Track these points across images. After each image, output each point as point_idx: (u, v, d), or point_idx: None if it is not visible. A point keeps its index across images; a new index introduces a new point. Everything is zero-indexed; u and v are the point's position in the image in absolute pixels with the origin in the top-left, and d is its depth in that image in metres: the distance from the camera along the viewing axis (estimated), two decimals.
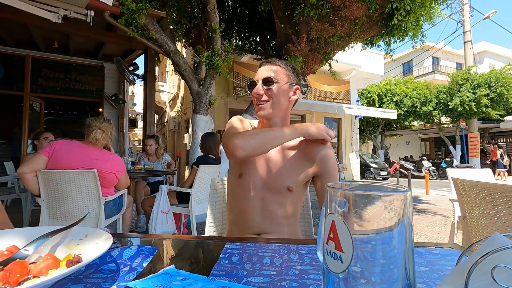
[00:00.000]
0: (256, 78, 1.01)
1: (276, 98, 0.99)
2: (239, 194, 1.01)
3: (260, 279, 0.48)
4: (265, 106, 0.99)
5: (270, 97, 0.99)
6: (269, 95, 0.99)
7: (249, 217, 0.98)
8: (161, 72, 14.13)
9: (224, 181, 1.35)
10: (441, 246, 0.68)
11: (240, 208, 1.00)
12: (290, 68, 1.03)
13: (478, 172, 2.91)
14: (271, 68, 1.00)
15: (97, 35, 5.16)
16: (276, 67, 1.01)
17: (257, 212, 0.97)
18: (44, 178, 2.11)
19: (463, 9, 12.91)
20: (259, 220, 0.97)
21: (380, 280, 0.26)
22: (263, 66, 1.03)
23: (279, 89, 0.99)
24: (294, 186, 0.97)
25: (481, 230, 1.50)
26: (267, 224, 0.97)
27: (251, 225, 0.98)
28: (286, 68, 1.02)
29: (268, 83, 0.98)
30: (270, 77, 0.98)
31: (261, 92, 0.98)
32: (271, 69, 1.00)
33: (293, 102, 1.04)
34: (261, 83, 0.99)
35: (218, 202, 1.31)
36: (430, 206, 5.84)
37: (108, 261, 0.52)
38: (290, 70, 1.03)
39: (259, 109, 1.00)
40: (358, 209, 0.27)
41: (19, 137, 5.90)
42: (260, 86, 0.99)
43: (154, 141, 4.00)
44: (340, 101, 9.39)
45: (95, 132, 2.17)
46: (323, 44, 4.45)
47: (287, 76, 1.01)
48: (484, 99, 11.90)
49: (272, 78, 0.98)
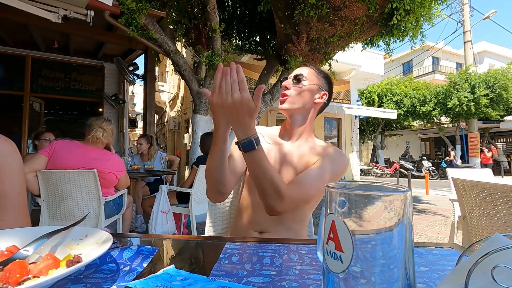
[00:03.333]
0: (289, 75, 1.07)
1: (300, 95, 1.01)
2: (249, 189, 1.02)
3: (260, 279, 0.48)
4: (287, 99, 1.02)
5: (296, 92, 1.02)
6: (296, 89, 1.02)
7: (254, 213, 0.99)
8: (161, 72, 14.13)
9: None
10: (441, 246, 0.67)
11: (248, 203, 1.01)
12: (323, 75, 1.07)
13: (478, 172, 2.91)
14: (304, 68, 1.06)
15: (97, 35, 5.16)
16: (310, 69, 1.06)
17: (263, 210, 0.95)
18: (44, 178, 2.11)
19: (463, 9, 12.91)
20: (262, 218, 0.97)
21: (380, 280, 0.26)
22: (299, 67, 1.08)
23: (305, 87, 1.02)
24: None
25: (481, 230, 1.50)
26: (270, 223, 0.97)
27: (255, 221, 0.98)
28: (318, 73, 1.06)
29: (297, 79, 1.02)
30: (301, 74, 1.03)
31: (289, 85, 1.02)
32: (304, 69, 1.05)
33: (318, 105, 1.04)
34: (292, 78, 1.04)
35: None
36: (430, 206, 5.84)
37: (108, 261, 0.52)
38: (323, 76, 1.06)
39: (282, 102, 1.03)
40: (358, 209, 0.27)
41: (19, 137, 5.90)
42: (290, 81, 1.04)
43: (145, 140, 4.04)
44: (340, 101, 9.39)
45: (96, 131, 2.17)
46: (323, 44, 4.45)
47: (318, 79, 1.04)
48: (484, 99, 11.90)
49: (302, 75, 1.02)
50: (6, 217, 0.69)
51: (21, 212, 0.73)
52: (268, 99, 4.80)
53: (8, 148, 0.72)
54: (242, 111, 0.74)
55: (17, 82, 5.99)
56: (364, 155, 19.75)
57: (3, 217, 0.69)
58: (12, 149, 0.73)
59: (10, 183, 0.70)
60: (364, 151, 19.72)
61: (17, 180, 0.72)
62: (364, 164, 16.72)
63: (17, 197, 0.72)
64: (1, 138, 0.72)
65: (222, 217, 1.30)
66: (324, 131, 9.69)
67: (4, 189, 0.69)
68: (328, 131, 9.93)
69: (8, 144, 0.72)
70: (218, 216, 1.29)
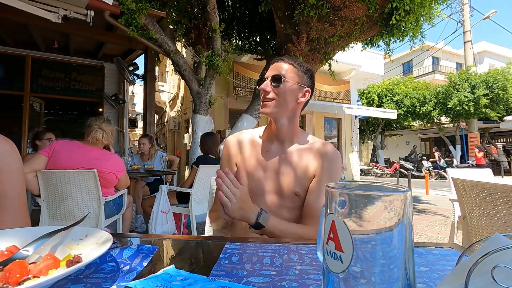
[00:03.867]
0: (266, 74, 0.98)
1: (282, 97, 0.96)
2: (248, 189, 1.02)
3: (260, 279, 0.48)
4: (270, 104, 0.96)
5: (277, 95, 0.96)
6: (276, 93, 0.96)
7: None
8: (161, 72, 14.13)
9: None
10: (441, 246, 0.67)
11: None
12: (303, 69, 0.99)
13: (478, 172, 2.91)
14: (282, 66, 0.97)
15: (97, 35, 5.16)
16: (289, 65, 0.97)
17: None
18: (44, 178, 2.11)
19: (463, 9, 12.92)
20: None
21: (380, 280, 0.26)
22: (276, 62, 0.99)
23: (287, 88, 0.95)
24: (301, 191, 0.96)
25: (481, 230, 1.50)
26: None
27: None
28: (299, 68, 0.98)
29: (276, 80, 0.95)
30: (280, 75, 0.95)
31: (268, 89, 0.96)
32: (283, 67, 0.97)
33: (301, 104, 1.00)
34: (270, 80, 0.96)
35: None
36: (430, 206, 5.84)
37: (108, 260, 0.52)
38: (303, 71, 0.99)
39: (264, 106, 0.97)
40: (358, 209, 0.27)
41: (19, 137, 5.90)
42: (268, 83, 0.96)
43: (147, 140, 4.04)
44: (340, 101, 9.39)
45: (95, 132, 2.17)
46: (323, 44, 4.45)
47: (298, 77, 0.97)
48: (483, 99, 11.90)
49: (281, 76, 0.95)
50: (6, 217, 0.69)
51: (21, 212, 0.73)
52: None
53: (7, 148, 0.72)
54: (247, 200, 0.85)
55: (17, 82, 5.99)
56: (364, 155, 19.74)
57: (3, 217, 0.69)
58: (11, 149, 0.73)
59: (10, 183, 0.70)
60: (364, 151, 19.70)
61: (17, 180, 0.72)
62: (364, 164, 16.72)
63: (17, 197, 0.72)
64: (1, 138, 0.72)
65: None
66: (324, 131, 9.69)
67: (4, 189, 0.69)
68: (328, 131, 9.93)
69: (7, 144, 0.72)
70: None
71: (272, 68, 0.98)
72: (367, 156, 19.74)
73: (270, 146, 1.02)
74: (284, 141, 1.02)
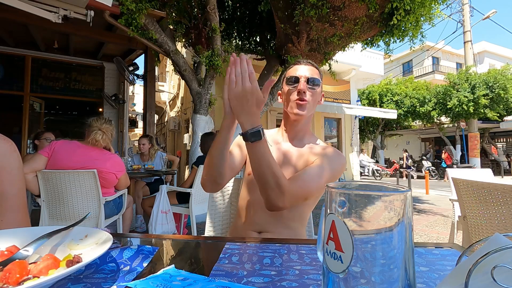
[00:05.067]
0: (298, 74, 0.98)
1: (314, 101, 0.99)
2: (248, 189, 1.02)
3: (260, 279, 0.48)
4: (305, 105, 0.97)
5: (312, 97, 0.98)
6: (311, 95, 0.97)
7: (253, 213, 0.99)
8: (161, 72, 14.13)
9: None
10: (441, 246, 0.67)
11: (247, 203, 1.01)
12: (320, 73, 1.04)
13: (478, 172, 2.91)
14: (314, 70, 1.00)
15: (97, 35, 5.16)
16: (317, 70, 1.01)
17: (262, 210, 0.96)
18: (44, 178, 2.11)
19: (463, 9, 12.91)
20: (263, 218, 0.97)
21: (380, 280, 0.26)
22: (306, 65, 1.01)
23: (318, 92, 1.00)
24: None
25: (481, 230, 1.50)
26: (270, 223, 0.96)
27: (254, 221, 0.98)
28: (320, 73, 1.03)
29: (314, 84, 0.97)
30: (318, 79, 0.98)
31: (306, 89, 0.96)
32: (314, 71, 1.00)
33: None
34: (306, 81, 0.97)
35: (218, 202, 1.31)
36: (430, 206, 5.84)
37: (108, 261, 0.52)
38: (321, 75, 1.03)
39: (300, 107, 0.96)
40: (358, 209, 0.27)
41: (19, 137, 5.90)
42: (305, 83, 0.97)
43: (147, 140, 4.04)
44: (340, 101, 9.39)
45: (95, 133, 2.16)
46: (323, 44, 4.45)
47: (321, 81, 1.02)
48: (483, 99, 11.90)
49: (319, 80, 0.98)
50: (6, 217, 0.69)
51: (21, 212, 0.73)
52: (268, 99, 4.80)
53: (7, 148, 0.72)
54: (251, 100, 0.77)
55: (17, 82, 5.99)
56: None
57: (3, 217, 0.69)
58: (11, 148, 0.73)
59: (10, 183, 0.70)
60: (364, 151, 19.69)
61: (17, 180, 0.72)
62: None
63: (17, 197, 0.72)
64: (1, 137, 0.72)
65: (222, 217, 1.30)
66: (324, 131, 9.69)
67: (4, 189, 0.69)
68: (328, 131, 9.93)
69: (7, 143, 0.72)
70: (218, 216, 1.29)
71: (306, 70, 0.99)
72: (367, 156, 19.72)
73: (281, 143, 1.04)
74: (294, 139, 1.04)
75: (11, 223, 0.69)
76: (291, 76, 0.99)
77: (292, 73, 1.00)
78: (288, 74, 1.02)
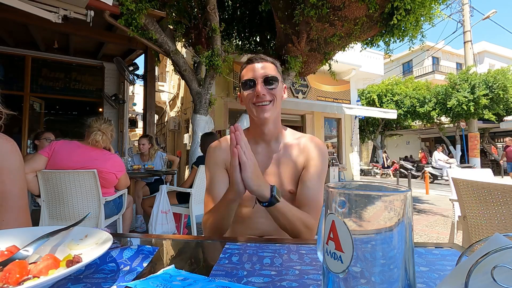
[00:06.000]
0: (252, 76, 0.91)
1: (278, 99, 0.93)
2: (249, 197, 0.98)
3: (260, 279, 0.48)
4: (269, 107, 0.91)
5: (274, 97, 0.92)
6: (272, 94, 0.92)
7: (252, 219, 0.97)
8: (161, 72, 14.13)
9: None
10: (441, 246, 0.67)
11: (245, 209, 0.98)
12: (279, 65, 0.98)
13: (478, 172, 2.91)
14: (268, 66, 0.93)
15: (97, 35, 5.16)
16: (272, 64, 0.94)
17: (261, 215, 0.94)
18: (44, 178, 2.11)
19: (463, 9, 12.91)
20: (262, 222, 0.95)
21: (380, 280, 0.26)
22: (259, 63, 0.93)
23: (279, 88, 0.94)
24: (295, 188, 0.95)
25: (481, 230, 1.50)
26: (270, 226, 0.94)
27: (254, 227, 0.97)
28: (277, 65, 0.96)
29: (271, 82, 0.91)
30: (275, 76, 0.92)
31: (265, 92, 0.90)
32: (269, 67, 0.93)
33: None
34: (263, 82, 0.91)
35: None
36: (430, 206, 5.84)
37: (108, 261, 0.52)
38: (280, 68, 0.98)
39: (263, 110, 0.91)
40: (358, 209, 0.27)
41: (19, 137, 5.90)
42: (262, 85, 0.91)
43: (147, 140, 4.04)
44: (340, 101, 9.39)
45: (95, 134, 2.16)
46: (323, 44, 4.45)
47: (279, 74, 0.96)
48: (483, 99, 11.89)
49: (276, 76, 0.92)
50: (6, 217, 0.69)
51: (21, 212, 0.73)
52: None
53: (9, 147, 0.72)
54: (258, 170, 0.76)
55: (17, 82, 5.99)
56: (364, 155, 19.73)
57: (3, 217, 0.69)
58: (13, 148, 0.73)
59: (11, 183, 0.70)
60: (364, 151, 19.70)
61: (18, 180, 0.72)
62: (364, 164, 16.71)
63: (18, 197, 0.72)
64: (2, 137, 0.71)
65: None
66: (324, 131, 9.69)
67: (6, 189, 0.69)
68: (328, 131, 9.93)
69: (9, 143, 0.72)
70: None
71: (260, 69, 0.92)
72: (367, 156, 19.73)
73: (257, 148, 0.99)
74: (270, 141, 0.99)
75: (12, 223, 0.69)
76: (246, 80, 0.92)
77: (247, 75, 0.93)
78: (243, 78, 0.94)
